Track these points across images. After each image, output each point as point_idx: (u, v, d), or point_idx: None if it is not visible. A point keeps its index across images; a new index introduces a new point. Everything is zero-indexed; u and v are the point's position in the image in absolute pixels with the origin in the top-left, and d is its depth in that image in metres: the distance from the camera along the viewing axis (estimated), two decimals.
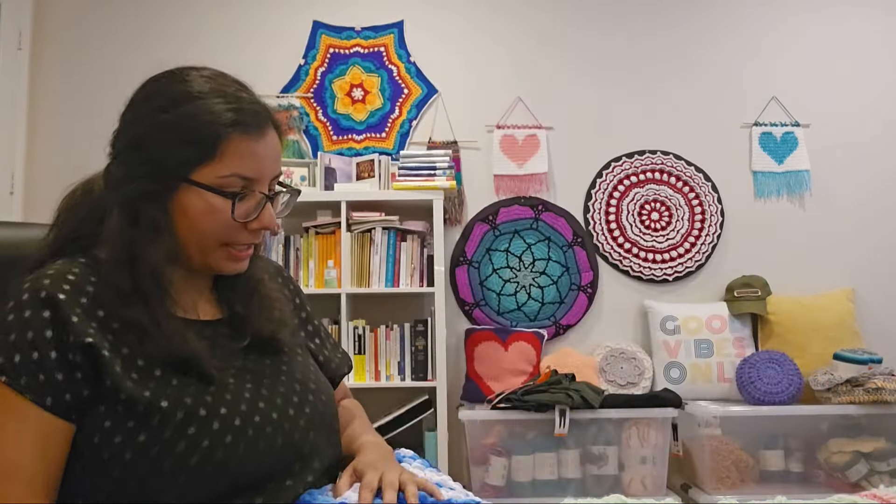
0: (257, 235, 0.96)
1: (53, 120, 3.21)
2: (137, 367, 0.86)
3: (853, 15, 3.38)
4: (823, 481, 2.71)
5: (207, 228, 0.92)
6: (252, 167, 0.92)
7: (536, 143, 3.26)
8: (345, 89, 3.28)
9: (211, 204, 0.91)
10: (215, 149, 0.90)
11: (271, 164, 0.95)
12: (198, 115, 0.91)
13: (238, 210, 0.92)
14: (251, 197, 0.93)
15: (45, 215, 1.01)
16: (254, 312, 0.99)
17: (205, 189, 0.90)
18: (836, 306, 3.06)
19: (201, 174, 0.90)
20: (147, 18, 3.28)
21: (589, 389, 2.67)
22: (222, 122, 0.91)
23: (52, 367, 0.82)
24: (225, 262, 0.96)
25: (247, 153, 0.92)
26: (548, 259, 3.21)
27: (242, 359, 0.96)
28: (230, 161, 0.91)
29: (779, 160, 3.30)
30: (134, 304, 0.88)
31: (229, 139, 0.91)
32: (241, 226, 0.93)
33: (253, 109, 0.94)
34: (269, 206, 0.95)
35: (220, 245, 0.94)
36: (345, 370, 1.18)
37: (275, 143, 0.97)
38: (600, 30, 3.35)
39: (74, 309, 0.85)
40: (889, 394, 2.60)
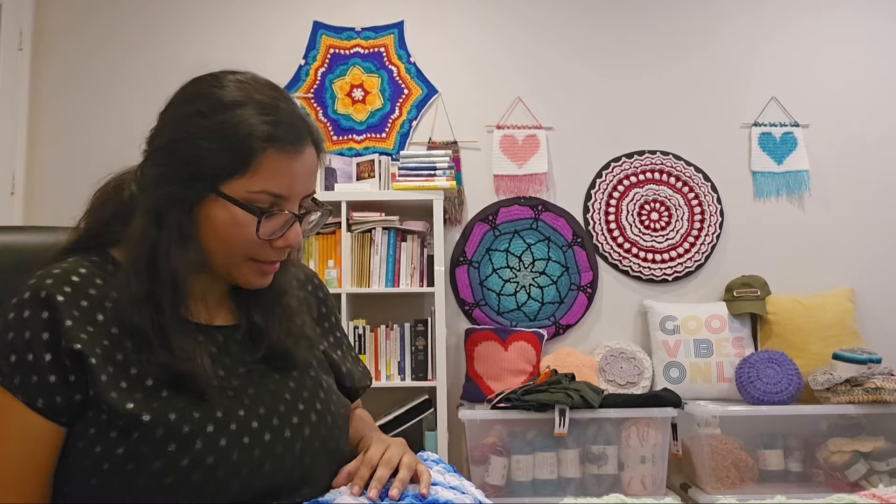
0: (283, 253, 0.94)
1: (54, 120, 3.21)
2: (129, 377, 0.84)
3: (853, 15, 3.38)
4: (823, 481, 2.71)
5: (232, 241, 0.90)
6: (284, 185, 0.90)
7: (536, 143, 3.26)
8: (345, 90, 3.29)
9: (237, 218, 0.88)
10: (249, 163, 0.88)
11: (304, 183, 0.92)
12: (236, 126, 0.88)
13: (264, 228, 0.89)
14: (279, 215, 0.91)
15: (46, 215, 1.01)
16: (273, 325, 0.96)
17: (232, 202, 0.88)
18: (835, 306, 3.07)
19: (231, 187, 0.88)
20: (147, 19, 3.28)
21: (589, 389, 2.68)
22: (259, 135, 0.87)
23: (46, 370, 0.81)
24: (250, 275, 0.94)
25: (280, 170, 0.89)
26: (548, 259, 3.21)
27: (250, 370, 0.93)
28: (262, 177, 0.88)
29: (778, 160, 3.30)
30: (143, 311, 0.86)
31: (264, 154, 0.88)
32: (266, 242, 0.91)
33: (291, 123, 0.91)
34: (297, 225, 0.93)
35: (246, 259, 0.92)
36: (366, 383, 1.15)
37: (311, 161, 0.93)
38: (600, 30, 3.36)
39: (71, 312, 0.83)
40: (888, 393, 2.60)
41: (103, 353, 0.84)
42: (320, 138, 0.97)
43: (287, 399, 0.93)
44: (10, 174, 3.10)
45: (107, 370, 0.83)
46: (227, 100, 0.89)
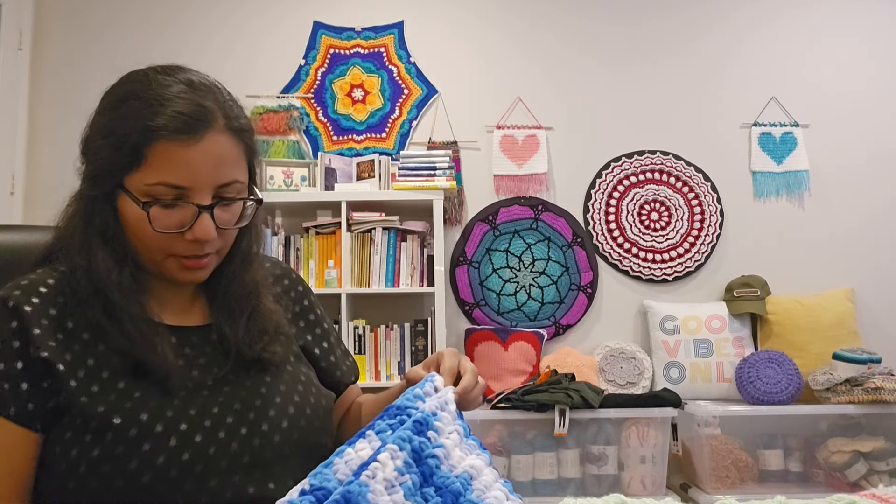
0: (198, 246, 0.89)
1: (54, 120, 3.22)
2: (100, 380, 0.84)
3: (853, 15, 3.38)
4: (823, 481, 2.71)
5: (142, 237, 0.88)
6: (181, 175, 0.85)
7: (536, 143, 3.26)
8: (345, 90, 3.29)
9: (136, 213, 0.87)
10: (140, 156, 0.85)
11: (210, 172, 0.87)
12: (128, 117, 0.86)
13: (166, 219, 0.87)
14: (183, 207, 0.87)
15: (46, 216, 1.01)
16: (240, 329, 0.94)
17: (130, 197, 0.86)
18: (835, 306, 3.07)
19: (131, 181, 0.86)
20: (147, 19, 3.28)
21: (589, 389, 2.68)
22: (148, 125, 0.85)
23: (18, 378, 0.82)
24: (177, 271, 0.91)
25: (173, 160, 0.85)
26: (548, 259, 3.21)
27: (224, 369, 0.92)
28: (156, 169, 0.85)
29: (778, 160, 3.30)
30: (95, 306, 0.86)
31: (153, 146, 0.85)
32: (178, 236, 0.88)
33: (183, 112, 0.86)
34: (206, 217, 0.87)
35: (167, 255, 0.90)
36: (351, 379, 1.14)
37: (217, 150, 0.87)
38: (600, 30, 3.36)
39: (40, 321, 0.84)
40: (888, 393, 2.60)
41: (73, 359, 0.84)
42: (243, 126, 0.92)
43: (263, 393, 0.92)
44: (10, 174, 3.10)
45: (76, 375, 0.83)
46: (119, 96, 0.89)
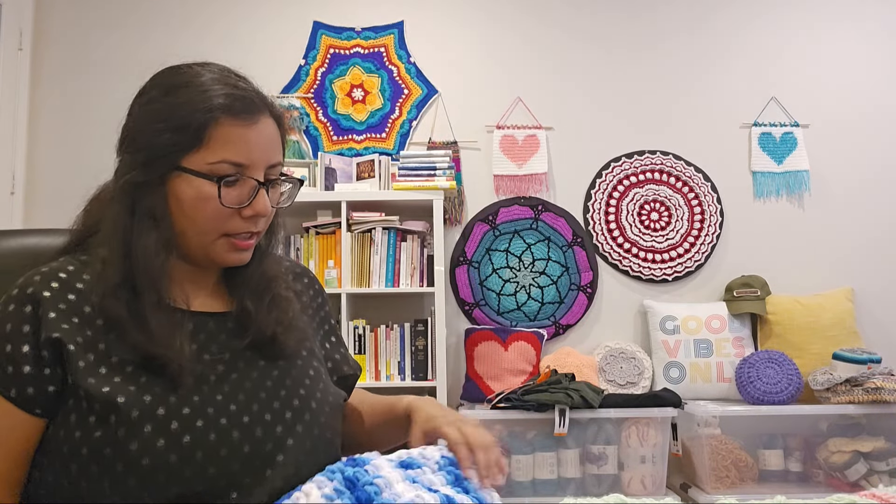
0: (253, 223, 0.94)
1: (54, 120, 3.22)
2: (109, 364, 0.85)
3: (853, 15, 3.38)
4: (823, 481, 2.71)
5: (199, 216, 0.91)
6: (242, 153, 0.91)
7: (536, 143, 3.26)
8: (345, 90, 3.29)
9: (200, 191, 0.90)
10: (203, 135, 0.90)
11: (264, 151, 0.94)
12: (186, 102, 0.91)
13: (228, 196, 0.91)
14: (243, 183, 0.92)
15: (46, 216, 1.03)
16: (262, 311, 0.97)
17: (193, 174, 0.90)
18: (835, 306, 3.07)
19: (191, 161, 0.90)
20: (147, 19, 3.28)
21: (589, 389, 2.68)
22: (209, 107, 0.90)
23: (22, 361, 0.83)
24: (226, 252, 0.94)
25: (235, 139, 0.91)
26: (547, 259, 3.21)
27: (235, 356, 0.94)
28: (219, 147, 0.90)
29: (778, 160, 3.30)
30: (119, 296, 0.88)
31: (217, 124, 0.90)
32: (235, 213, 0.92)
33: (243, 95, 0.93)
34: (263, 193, 0.94)
35: (219, 235, 0.93)
36: (358, 373, 1.16)
37: (269, 131, 0.95)
38: (600, 30, 3.36)
39: (56, 306, 0.86)
40: (888, 393, 2.60)
41: (84, 342, 0.86)
42: (280, 114, 0.99)
43: (269, 385, 0.94)
44: (10, 174, 3.10)
45: (86, 357, 0.85)
46: (176, 82, 0.94)
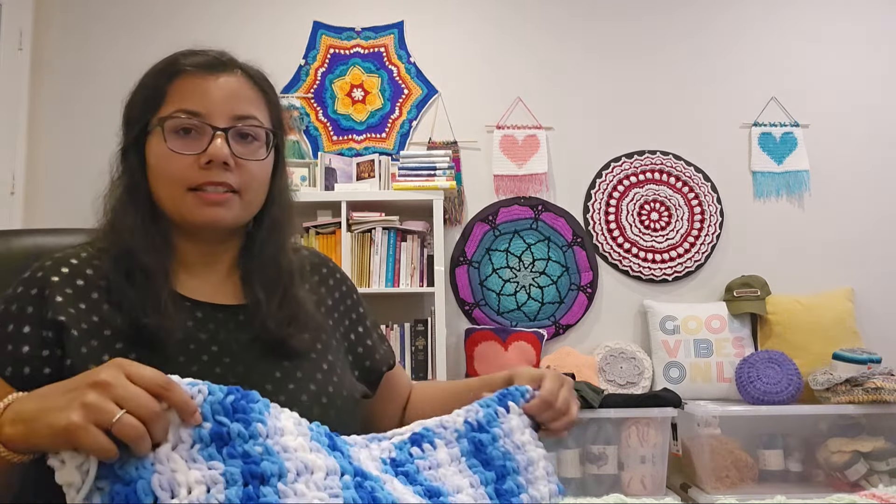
0: (215, 173, 0.91)
1: (54, 120, 3.21)
2: (113, 351, 0.86)
3: (853, 15, 3.38)
4: (823, 481, 2.71)
5: (164, 171, 0.92)
6: (198, 101, 0.92)
7: (536, 143, 3.26)
8: (345, 90, 3.29)
9: (160, 144, 0.92)
10: (163, 94, 0.93)
11: (226, 101, 0.93)
12: (154, 71, 0.96)
13: (175, 141, 0.91)
14: (201, 131, 0.92)
15: (46, 216, 1.05)
16: (273, 305, 0.96)
17: (156, 131, 0.92)
18: (835, 306, 3.07)
19: (155, 121, 0.93)
20: (147, 19, 3.28)
21: (588, 389, 2.68)
22: (172, 69, 0.94)
23: (21, 340, 0.84)
24: (196, 209, 0.92)
25: (192, 89, 0.93)
26: (547, 259, 3.21)
27: (244, 349, 0.93)
28: (176, 99, 0.93)
29: (778, 160, 3.30)
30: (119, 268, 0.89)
31: (175, 81, 0.93)
32: (194, 163, 0.91)
33: (206, 53, 0.96)
34: (220, 138, 0.91)
35: (185, 189, 0.92)
36: (387, 365, 1.13)
37: (234, 84, 0.95)
38: (600, 30, 3.36)
39: (64, 290, 0.87)
40: (888, 393, 2.60)
41: (90, 328, 0.86)
42: (256, 73, 1.00)
43: (277, 377, 0.93)
44: (10, 174, 3.10)
45: (89, 343, 0.86)
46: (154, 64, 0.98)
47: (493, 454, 0.84)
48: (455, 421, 0.85)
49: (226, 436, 0.65)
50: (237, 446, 0.65)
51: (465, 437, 0.84)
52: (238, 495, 0.63)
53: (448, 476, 0.81)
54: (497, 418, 0.86)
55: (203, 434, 0.64)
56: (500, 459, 0.84)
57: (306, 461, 0.68)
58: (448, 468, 0.82)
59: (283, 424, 0.70)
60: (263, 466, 0.65)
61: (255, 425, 0.67)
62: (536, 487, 0.87)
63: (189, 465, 0.63)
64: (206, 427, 0.65)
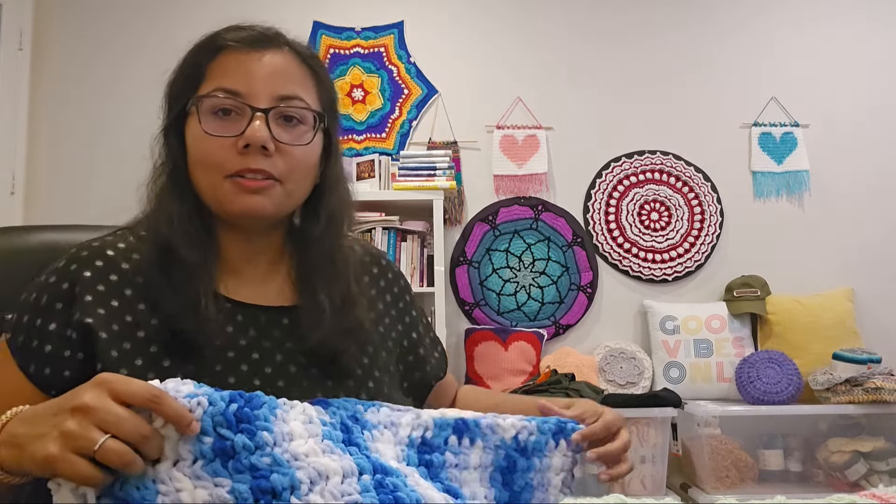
0: (253, 158, 0.84)
1: (54, 120, 3.21)
2: (147, 353, 0.81)
3: (853, 15, 3.38)
4: (823, 481, 2.71)
5: (202, 154, 0.85)
6: (239, 80, 0.85)
7: (536, 143, 3.26)
8: (345, 90, 3.29)
9: (196, 127, 0.86)
10: (203, 72, 0.87)
11: (268, 79, 0.86)
12: (195, 47, 0.90)
13: (210, 123, 0.84)
14: (241, 112, 0.85)
15: (46, 215, 1.02)
16: (329, 314, 0.88)
17: (194, 111, 0.86)
18: (835, 306, 3.07)
19: (193, 100, 0.87)
20: (147, 19, 3.28)
21: (588, 389, 2.68)
22: (213, 45, 0.89)
23: (46, 338, 0.80)
24: (234, 196, 0.85)
25: (233, 66, 0.86)
26: (547, 259, 3.21)
27: (287, 360, 0.87)
28: (216, 77, 0.87)
29: (778, 160, 3.30)
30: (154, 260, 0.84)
31: (216, 57, 0.88)
32: (232, 147, 0.84)
33: (251, 28, 0.91)
34: (260, 120, 0.84)
35: (223, 176, 0.85)
36: (440, 374, 1.06)
37: (279, 62, 0.89)
38: (600, 30, 3.36)
39: (95, 287, 0.82)
40: (888, 393, 2.60)
41: (121, 329, 0.81)
42: (304, 50, 0.94)
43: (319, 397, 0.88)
44: (10, 174, 3.10)
45: (121, 346, 0.80)
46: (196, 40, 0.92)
47: (518, 481, 0.82)
48: (506, 431, 0.82)
49: (230, 449, 0.61)
50: (243, 459, 0.61)
51: (504, 450, 0.81)
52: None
53: (470, 481, 0.78)
54: (544, 449, 0.84)
55: (205, 449, 0.60)
56: (521, 487, 0.82)
57: (319, 467, 0.63)
58: (474, 472, 0.79)
59: (292, 428, 0.65)
60: (273, 480, 0.60)
61: (261, 434, 0.62)
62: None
63: (194, 484, 0.59)
64: (207, 442, 0.61)
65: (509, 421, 0.82)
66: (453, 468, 0.77)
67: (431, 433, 0.77)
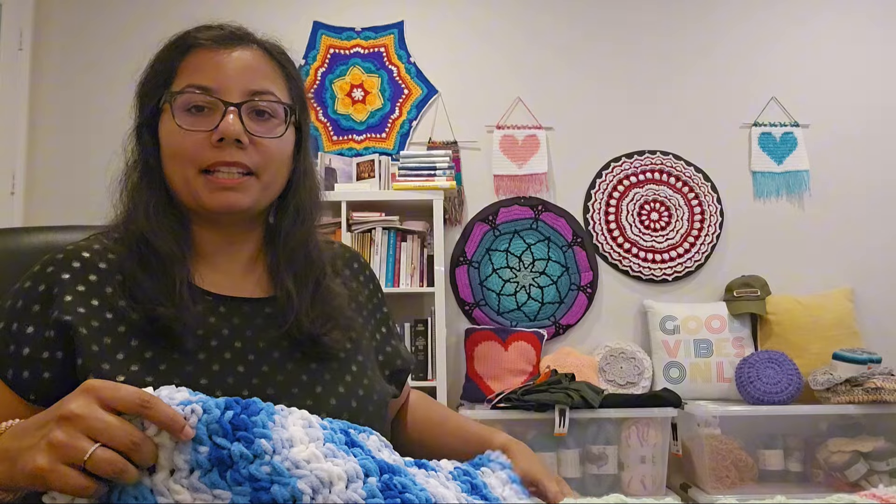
0: (227, 152, 0.86)
1: (54, 120, 3.21)
2: (128, 348, 0.81)
3: (853, 15, 3.38)
4: (823, 481, 2.71)
5: (174, 151, 0.87)
6: (209, 76, 0.87)
7: (536, 143, 3.26)
8: (345, 90, 3.29)
9: (170, 122, 0.87)
10: (175, 68, 0.89)
11: (239, 75, 0.88)
12: (166, 48, 0.92)
13: (185, 117, 0.86)
14: (213, 108, 0.87)
15: (46, 215, 1.03)
16: (304, 299, 0.90)
17: (167, 108, 0.88)
18: (835, 306, 3.07)
19: (165, 97, 0.89)
20: (147, 19, 3.28)
21: (588, 389, 2.68)
22: (183, 42, 0.91)
23: (24, 341, 0.80)
24: (209, 192, 0.86)
25: (204, 64, 0.89)
26: (547, 259, 3.21)
27: (271, 346, 0.88)
28: (187, 75, 0.88)
29: (778, 160, 3.30)
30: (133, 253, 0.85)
31: (187, 55, 0.90)
32: (205, 141, 0.86)
33: (220, 27, 0.93)
34: (233, 114, 0.86)
35: (197, 171, 0.86)
36: (409, 367, 1.08)
37: (248, 58, 0.91)
38: (600, 30, 3.36)
39: (75, 287, 0.83)
40: (888, 393, 2.60)
41: (101, 325, 0.82)
42: (274, 46, 0.96)
43: (304, 380, 0.88)
44: (10, 174, 3.10)
45: (101, 341, 0.81)
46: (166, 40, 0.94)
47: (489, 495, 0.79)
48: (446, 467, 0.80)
49: (227, 459, 0.59)
50: (241, 469, 0.58)
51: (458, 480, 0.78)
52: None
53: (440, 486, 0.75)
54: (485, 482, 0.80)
55: (201, 459, 0.58)
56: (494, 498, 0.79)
57: (321, 475, 0.61)
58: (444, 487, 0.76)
59: (292, 433, 0.62)
60: (274, 491, 0.58)
61: (259, 442, 0.60)
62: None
63: (193, 496, 0.57)
64: (202, 451, 0.58)
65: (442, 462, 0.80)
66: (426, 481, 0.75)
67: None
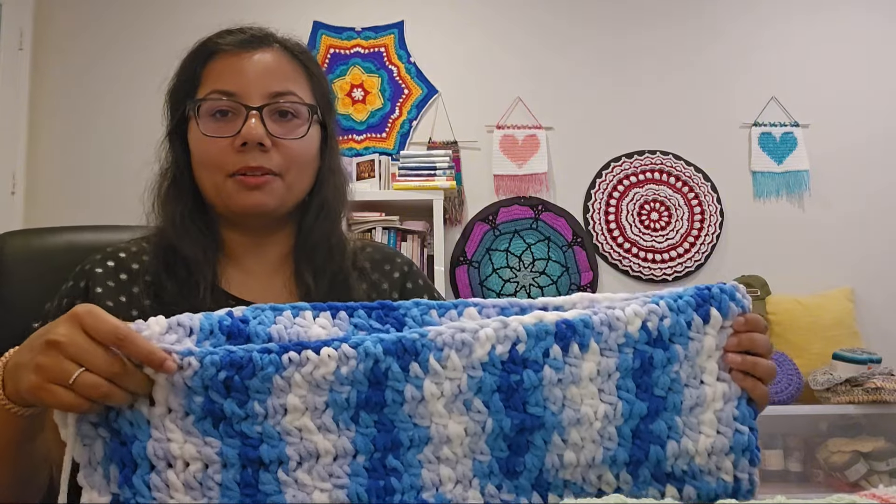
0: (251, 156, 0.87)
1: (54, 120, 3.21)
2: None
3: (853, 15, 3.38)
4: (823, 481, 2.71)
5: (204, 157, 0.89)
6: (231, 81, 0.89)
7: (536, 143, 3.26)
8: (345, 90, 3.29)
9: (196, 130, 0.90)
10: (199, 75, 0.91)
11: (260, 78, 0.90)
12: (190, 55, 0.94)
13: (209, 124, 0.88)
14: (237, 112, 0.88)
15: (47, 215, 1.04)
16: (320, 294, 0.91)
17: (189, 116, 0.90)
18: (835, 306, 3.06)
19: (190, 105, 0.91)
20: (147, 19, 3.28)
21: None
22: (206, 50, 0.93)
23: None
24: (237, 194, 0.88)
25: (226, 69, 0.90)
26: (548, 259, 3.22)
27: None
28: (211, 81, 0.90)
29: (778, 160, 3.30)
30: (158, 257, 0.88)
31: (210, 62, 0.91)
32: (230, 146, 0.87)
33: (240, 31, 0.95)
34: (255, 118, 0.87)
35: (225, 175, 0.88)
36: None
37: (269, 60, 0.92)
38: (600, 30, 3.36)
39: (106, 283, 0.87)
40: (888, 394, 2.60)
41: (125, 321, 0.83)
42: (295, 46, 0.98)
43: None
44: (11, 174, 3.10)
45: None
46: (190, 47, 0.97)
47: (660, 381, 0.63)
48: (631, 321, 0.64)
49: (219, 412, 0.60)
50: (234, 424, 0.60)
51: (632, 347, 0.63)
52: (236, 479, 0.59)
53: (577, 398, 0.62)
54: (688, 331, 0.64)
55: (195, 407, 0.59)
56: (664, 391, 0.63)
57: (310, 447, 0.61)
58: (589, 385, 0.63)
59: (287, 401, 0.60)
60: (262, 451, 0.60)
61: (252, 405, 0.60)
62: (694, 437, 0.63)
63: (185, 437, 0.59)
64: (197, 401, 0.60)
65: (630, 309, 0.65)
66: (554, 386, 0.62)
67: (524, 346, 0.63)
